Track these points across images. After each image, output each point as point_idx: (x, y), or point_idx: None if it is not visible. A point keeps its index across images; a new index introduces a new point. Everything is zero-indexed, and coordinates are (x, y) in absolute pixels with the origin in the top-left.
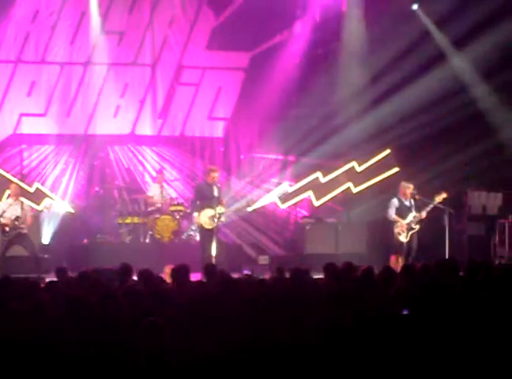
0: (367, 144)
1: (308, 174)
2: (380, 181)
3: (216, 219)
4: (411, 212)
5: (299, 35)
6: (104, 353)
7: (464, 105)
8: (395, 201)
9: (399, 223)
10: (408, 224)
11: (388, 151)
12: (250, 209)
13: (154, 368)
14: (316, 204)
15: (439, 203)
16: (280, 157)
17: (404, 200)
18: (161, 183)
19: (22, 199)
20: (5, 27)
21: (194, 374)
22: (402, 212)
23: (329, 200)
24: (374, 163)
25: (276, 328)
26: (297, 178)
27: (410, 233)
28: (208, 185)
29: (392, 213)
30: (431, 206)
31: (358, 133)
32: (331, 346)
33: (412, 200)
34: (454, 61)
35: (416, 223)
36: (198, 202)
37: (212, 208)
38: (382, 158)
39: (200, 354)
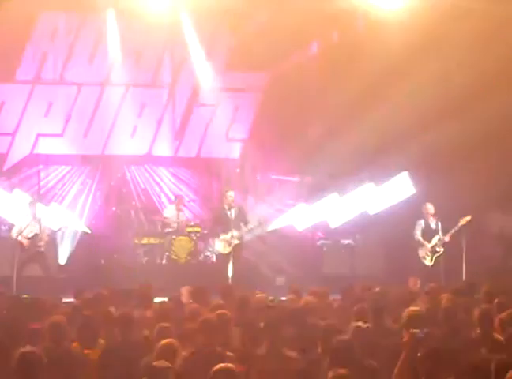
0: (385, 164)
1: (325, 195)
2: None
3: (230, 243)
4: (436, 234)
5: (316, 56)
6: (120, 373)
7: (484, 122)
8: (421, 223)
9: (423, 247)
10: (432, 247)
11: (406, 172)
12: (267, 230)
13: None
14: (333, 225)
15: (463, 225)
16: (297, 178)
17: (429, 221)
18: (179, 206)
19: (39, 217)
20: (24, 47)
21: None
22: (427, 233)
23: (346, 222)
24: (392, 184)
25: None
26: (313, 199)
27: (435, 256)
28: (225, 209)
29: (418, 234)
30: (456, 229)
31: (376, 153)
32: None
33: (439, 223)
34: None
35: (441, 246)
36: (215, 229)
37: (226, 232)
38: (400, 179)
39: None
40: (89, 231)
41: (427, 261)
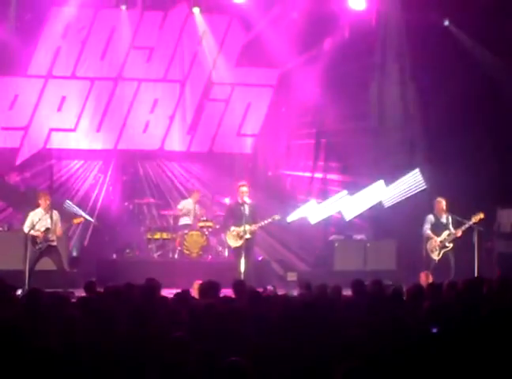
0: (396, 160)
1: (336, 191)
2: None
3: (241, 237)
4: (446, 229)
5: (328, 52)
6: (132, 367)
7: (497, 119)
8: (431, 217)
9: (432, 240)
10: (441, 242)
11: (417, 169)
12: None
13: None
14: (347, 218)
15: (475, 223)
16: (308, 174)
17: (439, 216)
18: (196, 199)
19: (52, 212)
20: (37, 42)
21: None
22: (437, 228)
23: (358, 217)
24: (404, 181)
25: (303, 345)
26: (325, 195)
27: (443, 251)
28: (239, 204)
29: (426, 229)
30: (467, 225)
31: (388, 150)
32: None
33: (450, 217)
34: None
35: (450, 242)
36: (228, 222)
37: (238, 226)
38: (412, 175)
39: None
40: (101, 226)
41: (434, 255)
